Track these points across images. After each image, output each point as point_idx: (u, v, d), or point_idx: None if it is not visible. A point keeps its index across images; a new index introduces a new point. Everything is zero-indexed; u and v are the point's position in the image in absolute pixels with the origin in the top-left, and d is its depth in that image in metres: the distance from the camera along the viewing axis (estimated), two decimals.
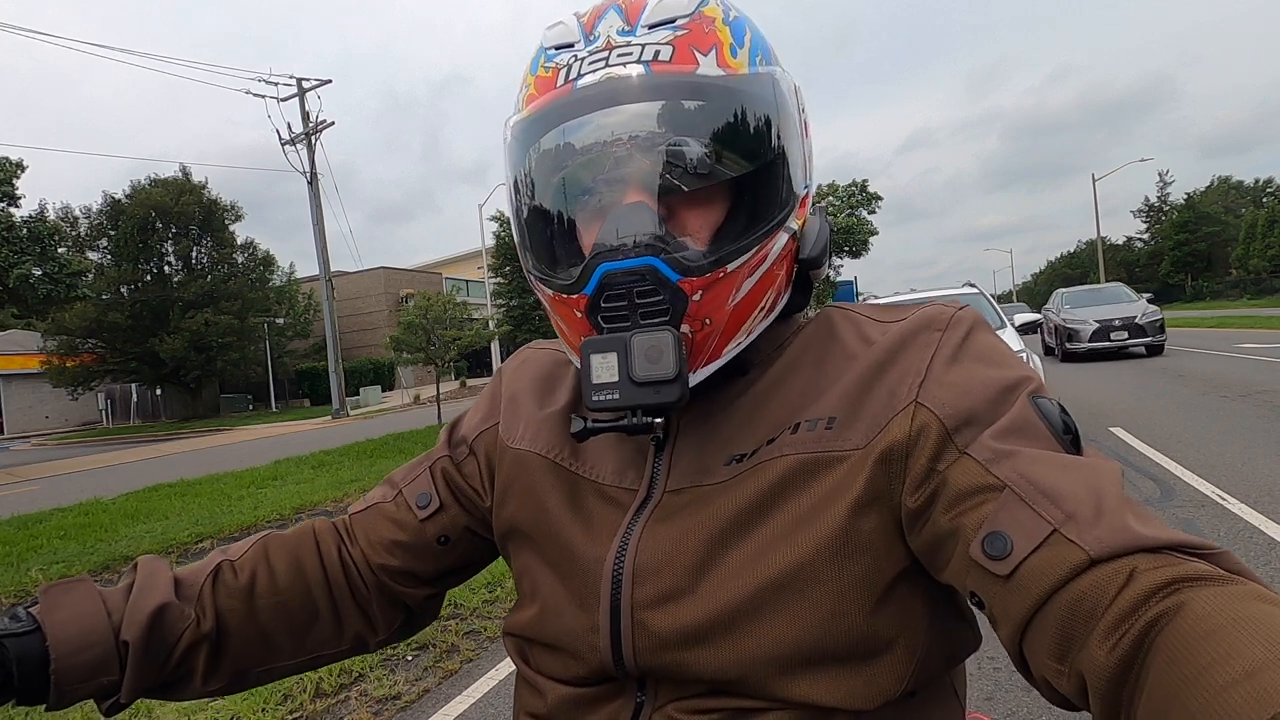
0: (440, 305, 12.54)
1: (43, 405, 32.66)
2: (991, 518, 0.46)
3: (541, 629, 0.63)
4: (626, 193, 0.56)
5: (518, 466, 0.68)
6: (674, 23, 0.56)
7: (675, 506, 0.59)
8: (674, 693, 0.57)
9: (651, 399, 0.53)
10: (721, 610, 0.54)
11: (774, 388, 0.61)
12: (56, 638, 0.58)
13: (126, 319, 25.68)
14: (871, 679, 0.53)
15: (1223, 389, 8.19)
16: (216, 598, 0.66)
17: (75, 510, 8.00)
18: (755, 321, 0.59)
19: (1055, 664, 0.42)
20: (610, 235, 0.55)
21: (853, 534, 0.52)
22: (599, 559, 0.59)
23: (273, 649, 0.69)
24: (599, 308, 0.56)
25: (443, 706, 2.70)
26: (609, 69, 0.55)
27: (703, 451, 0.60)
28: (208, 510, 7.40)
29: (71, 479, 13.10)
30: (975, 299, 7.43)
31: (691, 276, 0.54)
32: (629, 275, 0.54)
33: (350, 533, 0.75)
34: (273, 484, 8.73)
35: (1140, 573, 0.40)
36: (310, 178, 22.21)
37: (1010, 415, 0.50)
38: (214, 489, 8.68)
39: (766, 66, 0.59)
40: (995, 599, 0.45)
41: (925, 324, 0.58)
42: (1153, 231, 64.98)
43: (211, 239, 29.04)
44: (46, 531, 6.97)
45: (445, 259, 47.16)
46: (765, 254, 0.57)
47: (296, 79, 22.08)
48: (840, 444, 0.54)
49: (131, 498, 8.60)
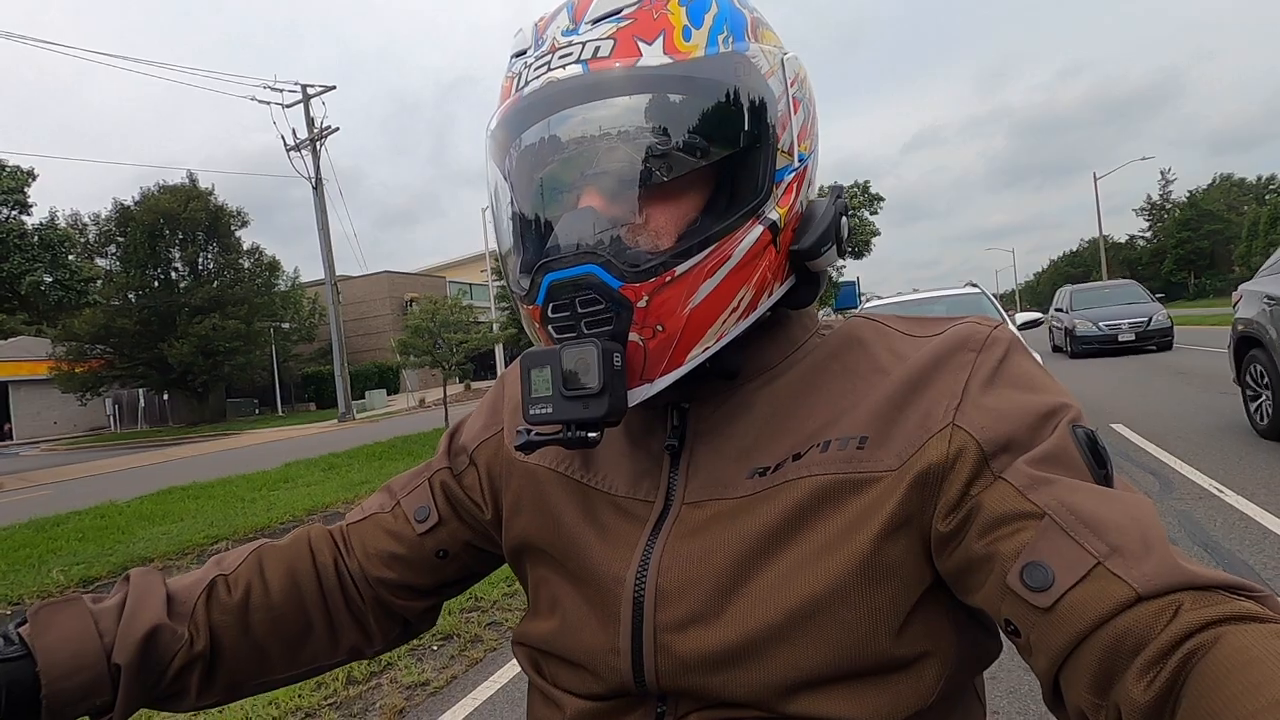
0: (446, 309, 12.66)
1: (50, 411, 33.00)
2: (1031, 546, 0.45)
3: (559, 644, 0.61)
4: (572, 198, 0.54)
5: (527, 480, 0.66)
6: (619, 14, 0.53)
7: (696, 521, 0.56)
8: (695, 705, 0.55)
9: (580, 413, 0.52)
10: (749, 636, 0.52)
11: (798, 397, 0.58)
12: (47, 662, 0.56)
13: (135, 324, 26.02)
14: (898, 695, 0.52)
15: (1222, 385, 8.15)
16: (211, 615, 0.65)
17: (91, 513, 8.12)
18: (727, 324, 0.54)
19: (1093, 698, 0.42)
20: (555, 243, 0.54)
21: (882, 557, 0.51)
22: (618, 578, 0.57)
23: (267, 662, 0.68)
24: (548, 318, 0.54)
25: (470, 691, 2.82)
26: (550, 73, 0.53)
27: (720, 461, 0.58)
28: (221, 512, 7.51)
29: (83, 483, 13.21)
30: (977, 298, 7.50)
31: (635, 282, 0.51)
32: (572, 284, 0.52)
33: (347, 542, 0.73)
34: (284, 486, 8.85)
35: (1185, 610, 0.40)
36: (315, 183, 22.39)
37: (1049, 443, 0.49)
38: (226, 491, 8.82)
39: (734, 44, 0.54)
40: (1034, 630, 0.44)
41: (960, 343, 0.56)
42: (1155, 230, 65.14)
43: (218, 245, 29.37)
44: (64, 534, 7.08)
45: (448, 262, 47.20)
46: (728, 251, 0.53)
47: (301, 85, 22.33)
48: (873, 465, 0.52)
49: (146, 501, 8.73)
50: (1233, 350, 5.80)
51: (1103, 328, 13.24)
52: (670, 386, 0.54)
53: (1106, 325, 13.21)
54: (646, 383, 0.53)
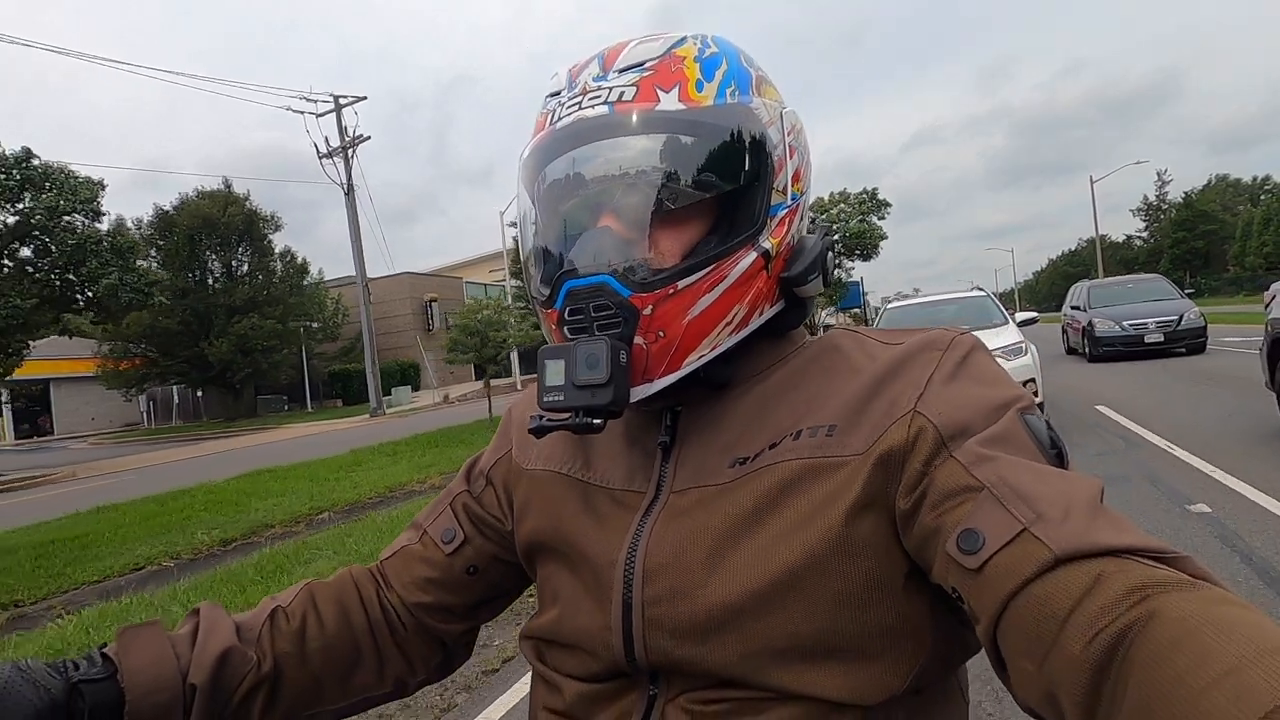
0: (492, 309, 13.54)
1: (88, 407, 34.33)
2: (969, 516, 0.48)
3: (559, 630, 0.67)
4: (592, 218, 0.62)
5: (534, 485, 0.73)
6: (642, 65, 0.62)
7: (682, 506, 0.62)
8: (685, 685, 0.59)
9: (587, 400, 0.57)
10: (728, 606, 0.56)
11: (777, 396, 0.64)
12: (131, 682, 0.60)
13: (177, 324, 27.26)
14: (876, 675, 0.55)
15: (1195, 375, 9.47)
16: (274, 641, 0.69)
17: (198, 490, 8.88)
18: (721, 336, 0.61)
19: (1026, 664, 0.44)
20: (575, 256, 0.62)
21: (853, 534, 0.55)
22: (611, 560, 0.63)
23: (321, 692, 0.72)
24: (565, 320, 0.61)
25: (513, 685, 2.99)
26: (580, 111, 0.61)
27: (706, 454, 0.63)
28: (311, 490, 8.15)
29: (158, 470, 14.04)
30: (982, 300, 8.77)
31: (642, 292, 0.58)
32: (588, 291, 0.59)
33: (385, 577, 0.78)
34: (358, 469, 9.50)
35: (1107, 576, 0.42)
36: (347, 189, 23.41)
37: (997, 425, 0.53)
38: (308, 473, 9.51)
39: (739, 98, 0.63)
40: (970, 594, 0.48)
41: (927, 344, 0.61)
42: (1152, 230, 65.74)
43: (251, 247, 30.56)
44: (184, 507, 7.87)
45: (457, 263, 47.69)
46: (724, 272, 0.60)
47: (334, 96, 23.30)
48: (840, 450, 0.57)
49: (240, 480, 9.44)
50: (1266, 353, 5.46)
51: (1126, 327, 11.93)
52: (666, 391, 0.61)
53: (1131, 325, 11.92)
54: (647, 382, 0.60)
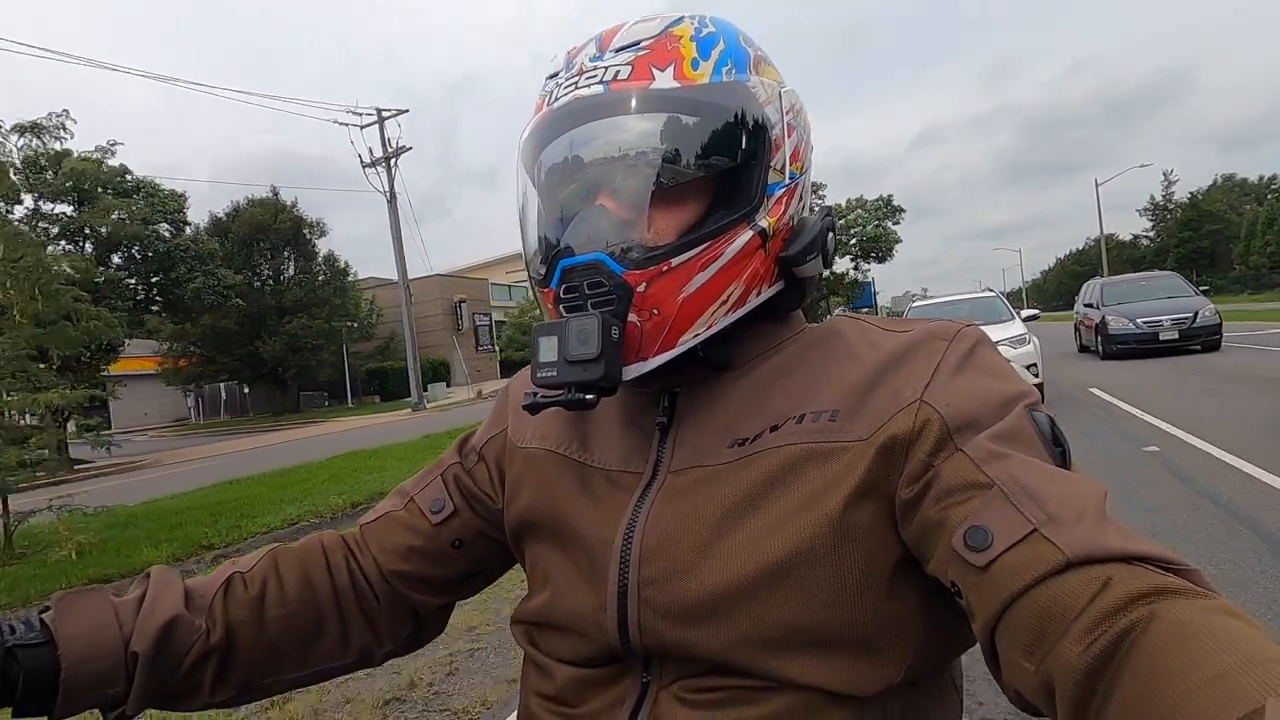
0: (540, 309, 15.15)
1: (141, 403, 35.75)
2: (976, 512, 0.48)
3: (551, 612, 0.66)
4: (588, 198, 0.63)
5: (528, 463, 0.72)
6: (638, 45, 0.62)
7: (679, 487, 0.61)
8: (679, 672, 0.59)
9: (579, 376, 0.58)
10: (723, 589, 0.56)
11: (778, 378, 0.64)
12: (68, 648, 0.59)
13: (234, 324, 28.74)
14: (870, 665, 0.55)
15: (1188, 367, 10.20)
16: (228, 609, 0.68)
17: (296, 470, 9.37)
18: (717, 315, 0.61)
19: (1024, 662, 0.44)
20: (570, 235, 0.62)
21: (850, 522, 0.55)
22: (606, 541, 0.62)
23: (279, 661, 0.71)
24: (560, 298, 0.61)
25: None
26: (576, 91, 0.62)
27: (705, 434, 0.63)
28: (405, 467, 8.50)
29: (235, 457, 14.89)
30: (992, 300, 9.94)
31: (635, 270, 0.58)
32: (582, 269, 0.59)
33: (361, 544, 0.77)
34: (432, 455, 9.79)
35: (1116, 581, 0.42)
36: (390, 197, 24.94)
37: (1006, 421, 0.53)
38: (395, 454, 10.08)
39: (735, 76, 0.62)
40: (972, 590, 0.48)
41: (932, 335, 0.61)
42: (1159, 230, 65.97)
43: (297, 252, 32.20)
44: (308, 479, 8.43)
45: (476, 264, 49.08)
46: (719, 250, 0.60)
47: (377, 109, 24.86)
48: (843, 435, 0.57)
49: (328, 463, 9.96)
50: None
51: (1140, 325, 11.96)
52: (663, 372, 0.61)
53: (1145, 322, 11.93)
54: (642, 360, 0.60)
